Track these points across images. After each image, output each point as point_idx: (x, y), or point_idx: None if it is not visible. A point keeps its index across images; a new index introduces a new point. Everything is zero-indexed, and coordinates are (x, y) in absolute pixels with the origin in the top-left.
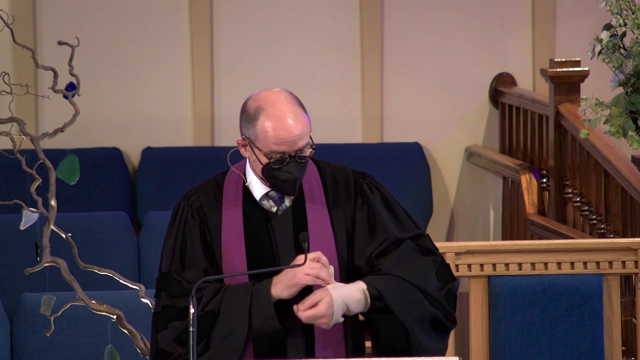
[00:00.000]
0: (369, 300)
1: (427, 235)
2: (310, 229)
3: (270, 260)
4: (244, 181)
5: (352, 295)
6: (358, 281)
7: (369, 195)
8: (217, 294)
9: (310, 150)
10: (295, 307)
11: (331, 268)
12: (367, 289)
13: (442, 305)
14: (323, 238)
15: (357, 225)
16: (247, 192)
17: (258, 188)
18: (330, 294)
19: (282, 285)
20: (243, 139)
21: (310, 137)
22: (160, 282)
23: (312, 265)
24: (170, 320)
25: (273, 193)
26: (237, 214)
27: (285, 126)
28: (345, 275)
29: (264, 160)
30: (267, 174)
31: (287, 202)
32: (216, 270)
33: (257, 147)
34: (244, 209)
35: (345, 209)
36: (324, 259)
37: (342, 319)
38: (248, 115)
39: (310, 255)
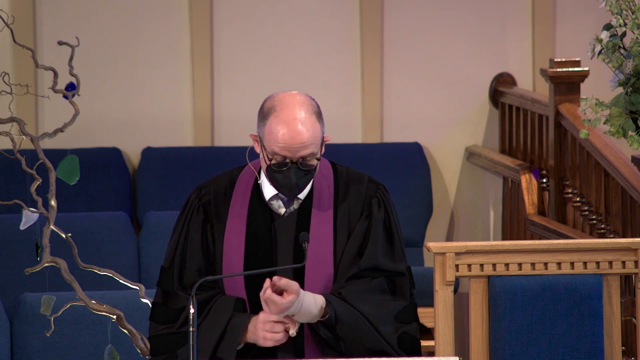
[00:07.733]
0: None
1: (409, 269)
2: (312, 234)
3: (269, 262)
4: (257, 179)
5: (310, 310)
6: (320, 296)
7: (374, 213)
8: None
9: (316, 160)
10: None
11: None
12: (326, 308)
13: (391, 347)
14: (322, 244)
15: (351, 235)
16: (257, 191)
17: (270, 187)
18: (299, 299)
19: (254, 339)
20: (256, 134)
21: (323, 146)
22: (160, 276)
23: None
24: (154, 319)
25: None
26: (242, 211)
27: (290, 132)
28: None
29: (267, 161)
30: (269, 175)
31: (295, 204)
32: (212, 269)
33: (264, 146)
34: (251, 207)
35: (350, 219)
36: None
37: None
38: (262, 113)
39: (272, 310)
